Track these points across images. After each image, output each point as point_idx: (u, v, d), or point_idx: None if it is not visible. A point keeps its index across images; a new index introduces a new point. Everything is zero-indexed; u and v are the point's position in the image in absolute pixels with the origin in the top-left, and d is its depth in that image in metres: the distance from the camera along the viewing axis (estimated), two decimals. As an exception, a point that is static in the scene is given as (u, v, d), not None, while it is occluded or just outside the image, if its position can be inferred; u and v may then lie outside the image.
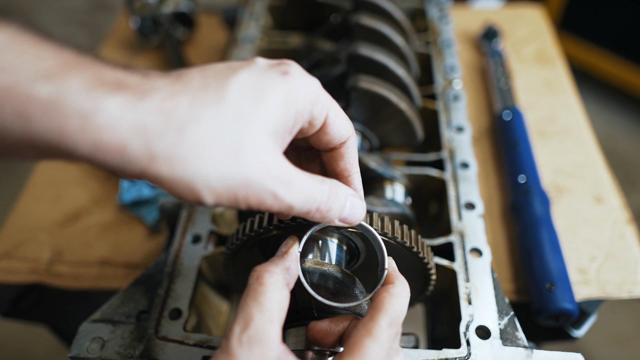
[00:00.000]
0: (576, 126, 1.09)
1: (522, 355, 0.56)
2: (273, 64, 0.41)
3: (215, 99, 0.36)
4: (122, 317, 0.61)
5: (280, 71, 0.40)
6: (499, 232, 0.90)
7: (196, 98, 0.36)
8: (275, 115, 0.38)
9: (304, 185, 0.40)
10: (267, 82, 0.39)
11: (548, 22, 1.38)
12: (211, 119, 0.35)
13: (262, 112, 0.37)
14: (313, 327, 0.48)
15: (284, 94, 0.39)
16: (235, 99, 0.37)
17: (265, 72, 0.39)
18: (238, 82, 0.38)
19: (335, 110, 0.44)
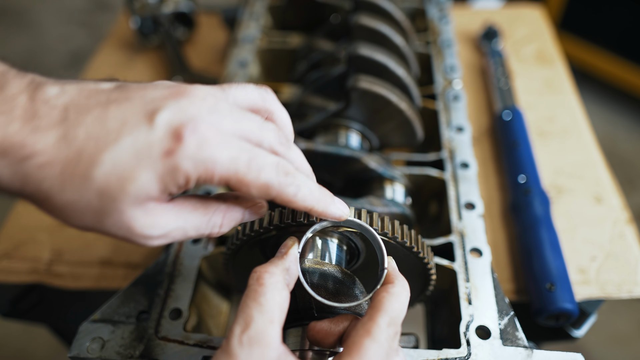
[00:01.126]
0: (576, 126, 1.09)
1: (522, 355, 0.56)
2: (160, 135, 0.37)
3: (83, 176, 0.37)
4: (122, 317, 0.61)
5: (163, 151, 0.37)
6: (499, 232, 0.90)
7: (65, 171, 0.36)
8: (146, 191, 0.38)
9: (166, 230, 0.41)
10: (143, 162, 0.37)
11: (548, 22, 1.38)
12: (74, 193, 0.37)
13: (126, 193, 0.37)
14: (313, 328, 0.48)
15: (158, 174, 0.37)
16: (102, 177, 0.37)
17: (145, 147, 0.37)
18: (110, 159, 0.37)
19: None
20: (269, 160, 0.41)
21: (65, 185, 0.36)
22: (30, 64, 3.10)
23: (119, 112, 0.38)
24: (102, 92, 0.39)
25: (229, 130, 0.40)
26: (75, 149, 0.36)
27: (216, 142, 0.38)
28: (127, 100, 0.39)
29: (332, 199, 0.48)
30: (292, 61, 1.07)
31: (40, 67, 3.02)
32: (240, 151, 0.39)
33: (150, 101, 0.39)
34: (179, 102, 0.39)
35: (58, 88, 0.38)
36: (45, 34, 3.28)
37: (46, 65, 3.05)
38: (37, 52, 3.14)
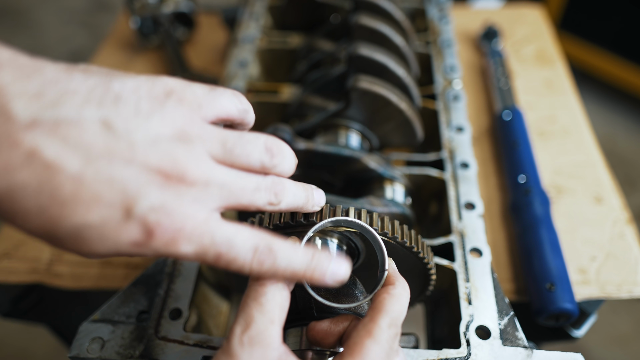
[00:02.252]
0: (576, 126, 1.09)
1: (522, 355, 0.56)
2: (132, 229, 0.35)
3: (46, 222, 0.34)
4: (122, 317, 0.61)
5: (131, 241, 0.35)
6: (499, 232, 0.90)
7: (34, 207, 0.33)
8: (103, 255, 0.37)
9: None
10: (106, 243, 0.35)
11: (548, 22, 1.38)
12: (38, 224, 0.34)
13: (82, 251, 0.36)
14: (313, 328, 0.48)
15: (120, 251, 0.36)
16: (62, 233, 0.34)
17: (112, 233, 0.35)
18: (71, 230, 0.34)
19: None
20: (244, 249, 0.38)
21: (25, 221, 0.33)
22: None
23: (95, 179, 0.33)
24: (83, 137, 0.33)
25: (216, 207, 0.38)
26: (39, 200, 0.32)
27: (187, 239, 0.36)
28: (109, 162, 0.34)
29: (322, 272, 0.42)
30: (292, 61, 1.07)
31: (40, 67, 3.02)
32: (211, 244, 0.37)
33: (132, 177, 0.34)
34: (163, 192, 0.35)
35: (28, 118, 0.32)
36: (45, 34, 3.28)
37: (46, 65, 3.04)
38: (37, 52, 3.12)
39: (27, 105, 0.32)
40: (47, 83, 0.33)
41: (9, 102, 0.31)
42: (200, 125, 0.39)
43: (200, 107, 0.39)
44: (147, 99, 0.37)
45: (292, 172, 0.45)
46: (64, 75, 0.34)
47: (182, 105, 0.38)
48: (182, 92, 0.39)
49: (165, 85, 0.39)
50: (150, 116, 0.36)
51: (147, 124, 0.36)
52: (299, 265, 0.41)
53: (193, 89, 0.40)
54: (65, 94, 0.34)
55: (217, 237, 0.37)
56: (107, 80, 0.36)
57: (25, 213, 0.33)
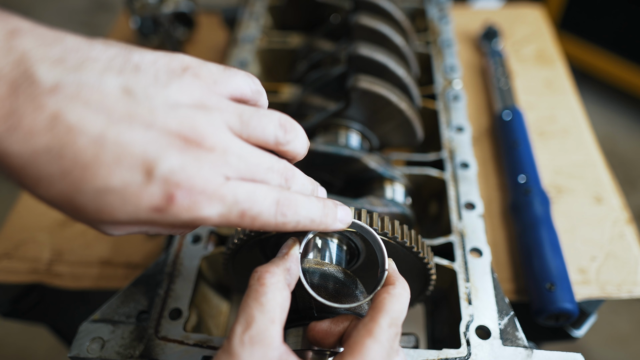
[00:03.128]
0: (576, 126, 1.09)
1: (522, 355, 0.56)
2: (152, 192, 0.35)
3: (67, 189, 0.34)
4: (122, 317, 0.61)
5: (152, 206, 0.35)
6: (499, 232, 0.90)
7: (56, 172, 0.34)
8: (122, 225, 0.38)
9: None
10: (127, 207, 0.35)
11: (548, 22, 1.38)
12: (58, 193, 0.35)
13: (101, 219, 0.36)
14: (313, 328, 0.48)
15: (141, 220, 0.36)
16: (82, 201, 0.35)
17: (133, 196, 0.35)
18: (93, 193, 0.35)
19: None
20: (266, 204, 0.39)
21: (45, 188, 0.34)
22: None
23: (117, 140, 0.34)
24: (104, 101, 0.34)
25: (231, 176, 0.38)
26: (61, 164, 0.33)
27: (209, 200, 0.36)
28: (130, 124, 0.34)
29: (333, 217, 0.45)
30: (292, 61, 1.07)
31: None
32: (232, 203, 0.37)
33: (153, 139, 0.35)
34: (183, 156, 0.35)
35: (51, 81, 0.32)
36: (45, 34, 3.27)
37: (46, 65, 3.05)
38: (37, 52, 3.14)
39: (50, 69, 0.32)
40: (68, 50, 0.34)
41: (33, 66, 0.32)
42: (217, 98, 0.40)
43: (215, 83, 0.40)
44: (165, 71, 0.38)
45: (304, 151, 0.45)
46: (84, 44, 0.35)
47: (198, 79, 0.39)
48: (198, 68, 0.40)
49: (182, 60, 0.39)
50: (168, 85, 0.37)
51: (166, 91, 0.37)
52: (315, 212, 0.43)
53: (209, 66, 0.41)
54: (86, 61, 0.34)
55: (240, 195, 0.38)
56: (126, 52, 0.37)
57: (48, 178, 0.33)
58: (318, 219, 0.43)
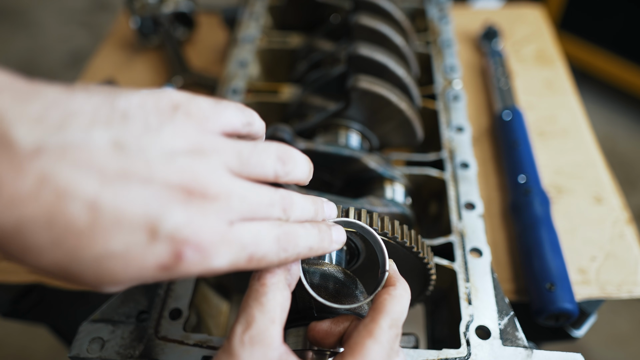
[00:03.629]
0: (576, 126, 1.09)
1: (522, 355, 0.56)
2: (158, 252, 0.33)
3: (66, 253, 0.31)
4: (122, 317, 0.61)
5: (158, 265, 0.33)
6: (499, 232, 0.90)
7: (47, 236, 0.31)
8: (125, 284, 0.36)
9: None
10: (130, 269, 0.33)
11: (548, 22, 1.38)
12: (54, 260, 0.32)
13: (102, 282, 0.34)
14: (313, 328, 0.48)
15: (145, 278, 0.35)
16: (82, 267, 0.32)
17: (138, 257, 0.33)
18: (93, 258, 0.32)
19: None
20: (269, 243, 0.38)
21: (35, 259, 0.31)
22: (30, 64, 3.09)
23: (114, 201, 0.31)
24: (94, 160, 0.31)
25: (234, 219, 0.36)
26: (53, 232, 0.30)
27: (217, 250, 0.35)
28: (126, 181, 0.32)
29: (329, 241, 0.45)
30: (292, 61, 1.07)
31: (40, 67, 3.02)
32: (240, 249, 0.36)
33: (153, 196, 0.33)
34: (187, 209, 0.34)
35: (33, 142, 0.29)
36: (45, 34, 3.28)
37: (46, 65, 3.05)
38: (37, 52, 3.14)
39: (29, 130, 0.29)
40: (48, 106, 0.31)
41: (10, 129, 0.29)
42: (212, 138, 0.38)
43: (207, 120, 0.38)
44: (154, 114, 0.35)
45: (307, 176, 0.44)
46: (64, 96, 0.32)
47: (190, 118, 0.37)
48: (187, 105, 0.37)
49: (170, 98, 0.37)
50: (161, 131, 0.35)
51: (160, 139, 0.34)
52: (313, 240, 0.42)
53: (198, 102, 0.39)
54: (69, 116, 0.31)
55: (245, 239, 0.37)
56: (111, 99, 0.34)
57: (37, 249, 0.30)
58: (316, 246, 0.43)
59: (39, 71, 3.00)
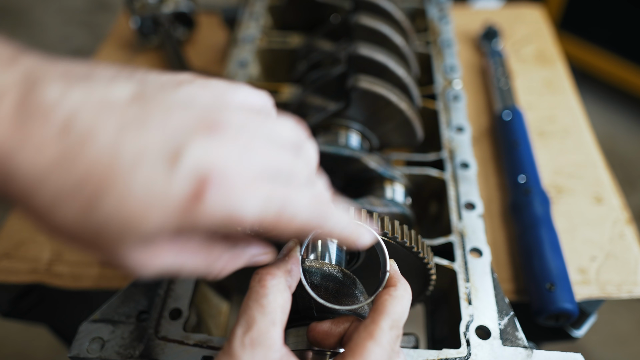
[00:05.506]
0: (576, 126, 1.09)
1: (522, 355, 0.56)
2: (180, 185, 0.31)
3: (81, 207, 0.31)
4: (122, 317, 0.61)
5: (182, 203, 0.32)
6: (499, 232, 0.90)
7: (59, 195, 0.31)
8: (151, 237, 0.34)
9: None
10: (154, 209, 0.32)
11: (548, 22, 1.38)
12: (68, 218, 0.32)
13: (127, 236, 0.32)
14: (314, 328, 0.48)
15: (170, 223, 0.32)
16: (102, 216, 0.31)
17: (160, 194, 0.31)
18: (116, 198, 0.31)
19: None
20: (302, 203, 0.36)
21: (59, 209, 0.31)
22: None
23: (134, 140, 0.31)
24: (115, 107, 0.32)
25: (260, 170, 0.34)
26: (75, 176, 0.30)
27: (244, 192, 0.33)
28: (145, 124, 0.32)
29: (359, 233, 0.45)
30: (292, 61, 1.07)
31: (40, 67, 3.02)
32: (270, 197, 0.34)
33: (173, 133, 0.32)
34: (209, 140, 0.33)
35: (59, 91, 0.31)
36: (45, 34, 3.28)
37: (46, 65, 3.05)
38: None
39: (56, 81, 0.31)
40: (73, 66, 0.34)
41: (39, 80, 0.31)
42: (229, 104, 0.38)
43: (224, 94, 0.38)
44: (172, 81, 0.37)
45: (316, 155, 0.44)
46: (86, 63, 0.35)
47: (207, 88, 0.38)
48: (204, 80, 0.38)
49: (186, 75, 0.38)
50: (178, 89, 0.36)
51: (178, 94, 0.35)
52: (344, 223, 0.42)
53: (214, 80, 0.39)
54: (92, 73, 0.33)
55: (276, 193, 0.35)
56: (130, 69, 0.36)
57: (61, 197, 0.30)
58: (347, 231, 0.43)
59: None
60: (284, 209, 0.35)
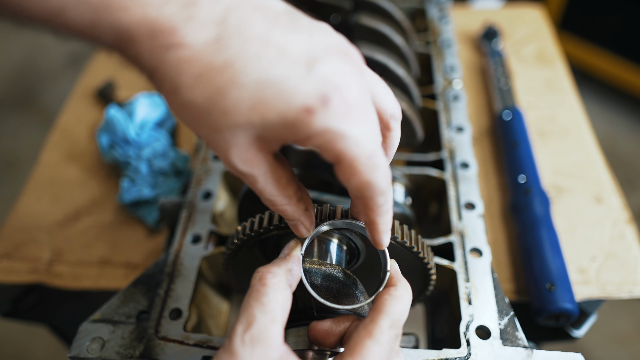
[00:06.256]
0: (576, 126, 1.09)
1: (522, 355, 0.56)
2: (310, 88, 0.36)
3: (217, 89, 0.35)
4: (122, 317, 0.61)
5: (305, 105, 0.36)
6: (499, 232, 0.90)
7: (203, 76, 0.36)
8: (267, 131, 0.38)
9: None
10: (280, 104, 0.36)
11: (548, 22, 1.38)
12: (201, 100, 0.36)
13: (249, 124, 0.37)
14: (314, 327, 0.48)
15: (287, 121, 0.37)
16: (234, 99, 0.35)
17: (290, 91, 0.36)
18: (252, 86, 0.36)
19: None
20: (384, 165, 0.39)
21: (196, 89, 0.35)
22: (30, 64, 3.07)
23: (281, 40, 0.36)
24: (269, 11, 0.37)
25: (365, 113, 0.38)
26: (222, 59, 0.34)
27: (355, 118, 0.36)
28: (293, 31, 0.37)
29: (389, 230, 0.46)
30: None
31: (40, 67, 3.02)
32: (366, 137, 0.37)
33: (315, 45, 0.37)
34: (342, 62, 0.37)
35: None
36: (45, 34, 3.27)
37: (46, 65, 3.05)
38: (37, 52, 3.14)
39: None
40: None
41: None
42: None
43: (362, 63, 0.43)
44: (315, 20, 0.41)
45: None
46: None
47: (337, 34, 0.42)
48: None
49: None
50: (322, 23, 0.41)
51: (323, 24, 0.41)
52: (390, 217, 0.44)
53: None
54: None
55: (376, 137, 0.39)
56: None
57: (210, 71, 0.34)
58: (389, 223, 0.45)
59: (39, 71, 3.00)
60: (374, 155, 0.38)
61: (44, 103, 2.83)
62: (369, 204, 0.41)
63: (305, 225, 0.47)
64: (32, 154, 1.94)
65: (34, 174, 1.04)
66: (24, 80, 2.94)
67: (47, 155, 1.08)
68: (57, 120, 1.15)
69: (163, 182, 0.96)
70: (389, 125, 0.45)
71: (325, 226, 0.50)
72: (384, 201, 0.41)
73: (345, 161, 0.37)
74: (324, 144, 0.36)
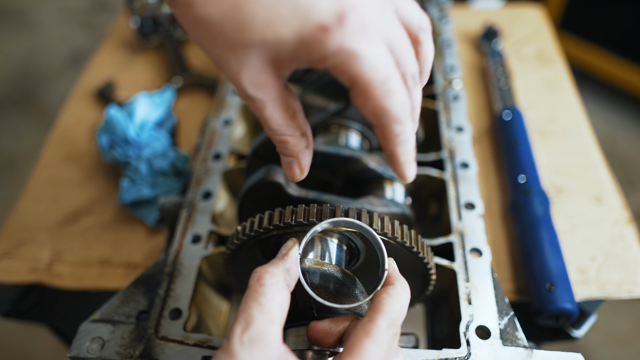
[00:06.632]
0: (576, 126, 1.09)
1: (522, 355, 0.56)
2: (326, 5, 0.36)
3: (232, 3, 0.35)
4: (122, 317, 0.61)
5: (320, 22, 0.36)
6: (499, 232, 0.90)
7: None
8: (281, 50, 0.38)
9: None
10: (294, 21, 0.36)
11: (548, 22, 1.38)
12: (216, 14, 0.35)
13: (262, 40, 0.37)
14: (313, 327, 0.48)
15: (302, 40, 0.37)
16: (249, 14, 0.36)
17: (306, 8, 0.36)
18: (266, 1, 0.36)
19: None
20: (400, 91, 0.39)
21: (211, 4, 0.35)
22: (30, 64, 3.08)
23: None
24: None
25: (384, 33, 0.38)
26: None
27: (369, 38, 0.36)
28: None
29: (412, 161, 0.46)
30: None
31: (40, 67, 3.02)
32: (382, 61, 0.37)
33: None
34: None
35: None
36: (45, 34, 3.28)
37: (46, 65, 3.05)
38: (37, 52, 3.14)
39: None
40: None
41: None
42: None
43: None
44: None
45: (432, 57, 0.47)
46: None
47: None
48: None
49: None
50: None
51: None
52: (412, 146, 0.44)
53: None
54: None
55: (391, 62, 0.38)
56: None
57: None
58: (412, 155, 0.44)
59: (39, 71, 3.00)
60: (386, 80, 0.37)
61: (44, 103, 2.83)
62: (386, 133, 0.41)
63: (301, 165, 0.47)
64: (32, 154, 1.94)
65: (34, 174, 1.04)
66: (24, 80, 2.94)
67: (47, 155, 1.08)
68: (57, 121, 1.15)
69: (163, 182, 0.96)
70: (418, 38, 0.44)
71: (324, 224, 0.50)
72: (401, 130, 0.41)
73: (359, 84, 0.37)
74: (339, 64, 0.36)
